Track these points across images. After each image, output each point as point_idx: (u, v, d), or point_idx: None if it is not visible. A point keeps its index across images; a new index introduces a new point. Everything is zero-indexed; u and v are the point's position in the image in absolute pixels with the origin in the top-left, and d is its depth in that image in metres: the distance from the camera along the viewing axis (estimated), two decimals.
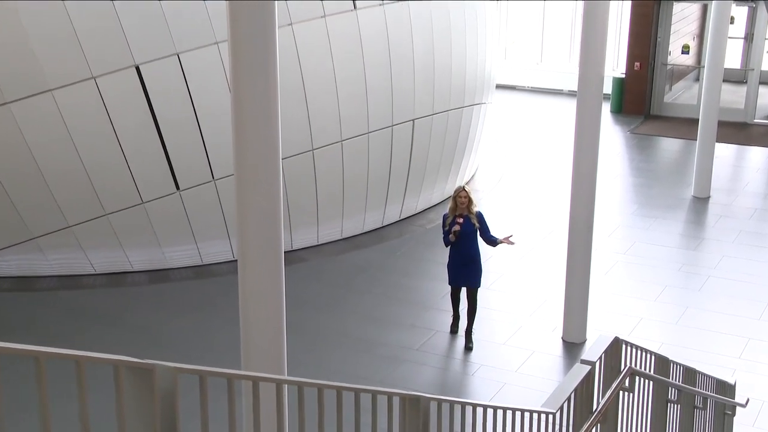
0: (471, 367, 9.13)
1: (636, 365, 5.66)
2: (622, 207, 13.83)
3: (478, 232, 9.21)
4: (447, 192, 13.24)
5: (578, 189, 9.27)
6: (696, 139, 14.28)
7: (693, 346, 9.43)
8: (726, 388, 7.53)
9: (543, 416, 4.75)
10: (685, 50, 19.73)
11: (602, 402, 5.27)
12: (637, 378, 5.64)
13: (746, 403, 7.36)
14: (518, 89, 21.15)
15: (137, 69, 10.09)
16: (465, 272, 9.28)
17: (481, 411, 4.39)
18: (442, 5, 12.34)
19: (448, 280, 9.50)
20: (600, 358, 5.31)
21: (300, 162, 11.15)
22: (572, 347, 9.43)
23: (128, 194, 10.55)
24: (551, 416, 4.78)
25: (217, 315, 9.93)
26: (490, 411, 4.43)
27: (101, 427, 3.30)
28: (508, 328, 9.83)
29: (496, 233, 9.43)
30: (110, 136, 10.23)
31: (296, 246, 11.71)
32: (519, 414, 4.68)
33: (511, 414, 4.60)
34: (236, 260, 6.03)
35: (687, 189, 14.39)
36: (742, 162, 16.55)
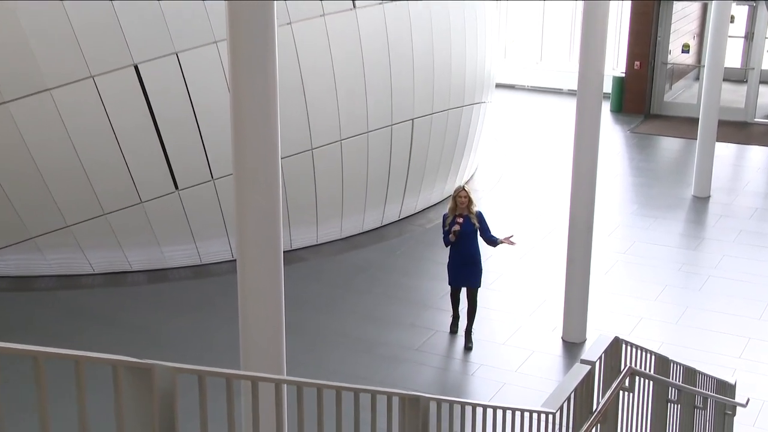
0: (471, 367, 9.11)
1: (636, 365, 5.65)
2: (622, 206, 13.82)
3: (478, 232, 9.20)
4: (446, 191, 13.22)
5: (578, 188, 9.26)
6: (696, 139, 14.27)
7: (693, 346, 9.42)
8: (726, 388, 7.52)
9: (543, 416, 4.74)
10: (686, 49, 19.71)
11: (602, 402, 5.25)
12: (637, 378, 5.62)
13: (746, 403, 7.35)
14: (518, 88, 21.14)
15: (136, 68, 10.07)
16: (465, 272, 9.26)
17: (481, 411, 4.38)
18: (442, 4, 12.32)
19: (448, 281, 9.48)
20: (600, 358, 5.29)
21: (299, 161, 11.13)
22: (572, 347, 9.41)
23: (127, 194, 10.53)
24: (551, 416, 4.77)
25: (216, 315, 9.92)
26: (490, 411, 4.42)
27: (100, 427, 3.29)
28: (508, 328, 9.82)
29: (496, 233, 9.42)
30: (109, 136, 10.21)
31: (295, 246, 11.69)
32: (519, 414, 4.67)
33: (511, 414, 4.59)
34: (235, 260, 6.02)
35: (687, 188, 14.37)
36: (743, 161, 16.54)
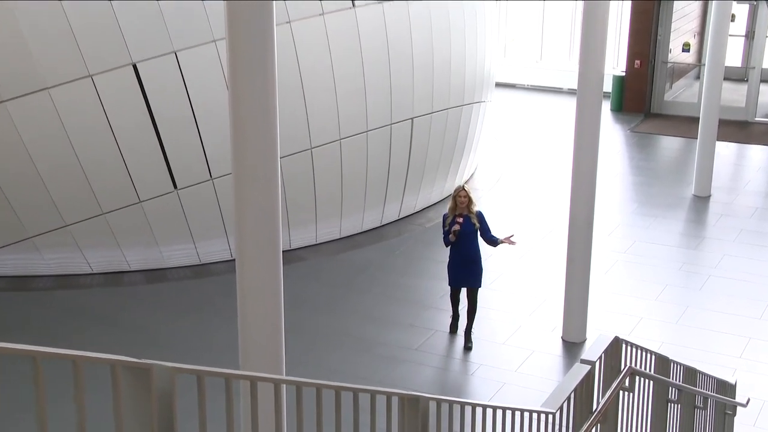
0: (470, 367, 9.09)
1: (636, 365, 5.63)
2: (622, 206, 13.80)
3: (479, 232, 9.17)
4: (446, 191, 13.20)
5: (578, 188, 9.24)
6: (696, 138, 14.25)
7: (693, 346, 9.40)
8: (726, 388, 7.50)
9: (543, 416, 4.72)
10: (686, 48, 19.69)
11: (602, 402, 5.24)
12: (638, 378, 5.61)
13: (747, 403, 7.34)
14: (518, 87, 21.13)
15: (134, 67, 10.05)
16: (465, 272, 9.24)
17: (481, 411, 4.37)
18: (441, 3, 12.30)
19: (449, 281, 9.45)
20: (600, 358, 5.28)
21: (298, 160, 11.11)
22: (572, 347, 9.39)
23: (125, 193, 10.51)
24: (551, 416, 4.75)
25: (215, 314, 9.89)
26: (490, 411, 4.41)
27: (99, 427, 3.29)
28: (508, 328, 9.80)
29: (497, 233, 9.39)
30: (107, 135, 10.19)
31: (295, 245, 11.66)
32: (519, 414, 4.65)
33: (511, 414, 4.57)
34: (234, 259, 6.00)
35: (687, 188, 14.35)
36: (743, 160, 16.52)
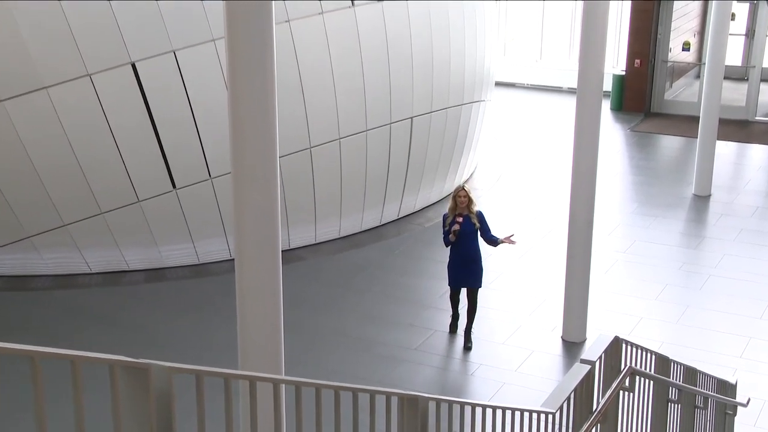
0: (470, 367, 9.08)
1: (636, 365, 5.62)
2: (622, 205, 13.78)
3: (479, 232, 9.15)
4: (446, 190, 13.19)
5: (578, 187, 9.22)
6: (697, 137, 14.24)
7: (694, 346, 9.38)
8: (727, 388, 7.49)
9: (542, 416, 4.71)
10: (686, 47, 19.68)
11: (602, 402, 5.23)
12: (638, 377, 5.59)
13: (747, 403, 7.32)
14: (517, 86, 21.11)
15: (133, 66, 10.03)
16: (465, 272, 9.22)
17: (480, 411, 4.35)
18: (441, 2, 12.28)
19: (449, 281, 9.43)
20: (600, 358, 5.27)
21: (297, 160, 11.09)
22: (572, 347, 9.38)
23: (124, 192, 10.49)
24: (551, 416, 4.74)
25: (214, 314, 9.88)
26: (490, 411, 4.39)
27: (97, 427, 3.28)
28: (508, 328, 9.78)
29: (497, 232, 9.38)
30: (106, 134, 10.17)
31: (294, 245, 11.65)
32: (518, 414, 4.64)
33: (511, 414, 4.56)
34: (233, 259, 5.99)
35: (688, 187, 14.33)
36: (743, 160, 16.51)
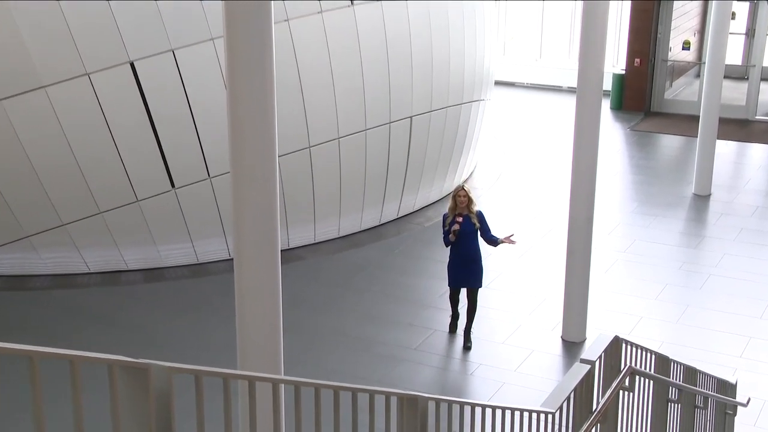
0: (470, 367, 9.06)
1: (636, 364, 5.61)
2: (622, 205, 13.77)
3: (479, 232, 9.14)
4: (445, 190, 13.18)
5: (578, 187, 9.21)
6: (697, 137, 14.22)
7: (694, 345, 9.37)
8: (727, 388, 7.48)
9: (542, 416, 4.70)
10: (686, 46, 19.66)
11: (602, 401, 5.21)
12: (638, 377, 5.58)
13: (747, 403, 7.31)
14: (517, 86, 21.10)
15: (132, 65, 10.02)
16: (465, 272, 9.20)
17: (480, 411, 4.34)
18: (441, 2, 12.26)
19: (448, 282, 9.41)
20: (600, 357, 5.25)
21: (297, 159, 11.08)
22: (572, 346, 9.36)
23: (123, 192, 10.47)
24: (550, 416, 4.73)
25: (213, 314, 9.86)
26: (489, 411, 4.38)
27: (96, 427, 3.27)
28: (507, 327, 9.77)
29: (496, 232, 9.36)
30: (104, 133, 10.15)
31: (293, 244, 11.63)
32: (518, 414, 4.63)
33: (510, 414, 4.54)
34: (232, 259, 5.97)
35: (688, 186, 14.32)
36: (743, 159, 16.50)
